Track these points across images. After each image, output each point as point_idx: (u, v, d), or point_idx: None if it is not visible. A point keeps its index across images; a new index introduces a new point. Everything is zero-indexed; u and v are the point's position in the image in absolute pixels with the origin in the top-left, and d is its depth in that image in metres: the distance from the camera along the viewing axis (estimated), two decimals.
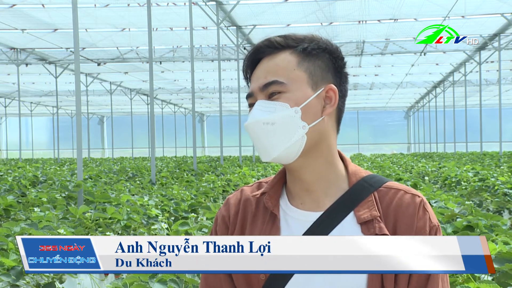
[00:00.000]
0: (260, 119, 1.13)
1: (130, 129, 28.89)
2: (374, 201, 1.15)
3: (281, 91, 1.15)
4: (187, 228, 3.55)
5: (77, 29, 6.54)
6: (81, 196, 5.90)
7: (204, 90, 28.77)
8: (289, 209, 1.19)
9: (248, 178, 8.83)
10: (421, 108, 35.07)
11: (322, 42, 1.20)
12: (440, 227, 1.16)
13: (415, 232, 1.12)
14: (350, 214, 1.14)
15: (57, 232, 3.36)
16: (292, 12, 14.49)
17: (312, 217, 1.15)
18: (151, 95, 9.39)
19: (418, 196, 1.16)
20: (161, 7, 13.77)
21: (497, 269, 2.40)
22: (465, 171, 9.43)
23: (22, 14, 14.18)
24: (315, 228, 1.14)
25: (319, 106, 1.16)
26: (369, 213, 1.13)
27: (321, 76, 1.17)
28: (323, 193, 1.18)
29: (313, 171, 1.18)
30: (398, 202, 1.15)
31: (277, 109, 1.14)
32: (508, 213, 6.04)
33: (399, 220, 1.13)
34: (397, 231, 1.13)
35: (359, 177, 1.19)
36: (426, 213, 1.14)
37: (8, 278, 2.75)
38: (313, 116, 1.15)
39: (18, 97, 18.98)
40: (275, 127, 1.13)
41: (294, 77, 1.16)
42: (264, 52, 1.19)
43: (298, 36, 1.21)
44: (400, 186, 1.18)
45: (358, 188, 1.17)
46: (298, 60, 1.17)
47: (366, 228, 1.12)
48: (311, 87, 1.16)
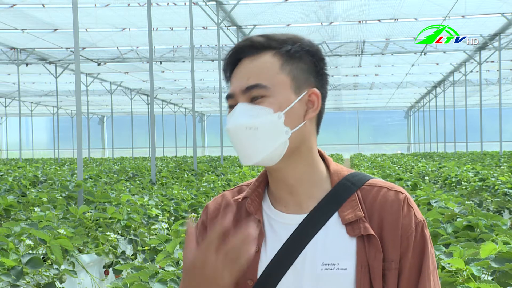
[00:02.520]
0: (242, 123, 1.11)
1: (130, 129, 28.89)
2: (357, 200, 1.14)
3: (264, 95, 1.12)
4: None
5: (77, 29, 6.54)
6: (81, 196, 5.90)
7: (204, 90, 28.78)
8: (272, 212, 1.18)
9: (248, 178, 8.83)
10: (421, 108, 35.06)
11: (305, 44, 1.17)
12: (425, 223, 1.16)
13: (401, 230, 1.11)
14: (335, 215, 1.13)
15: (57, 232, 3.36)
16: (292, 12, 14.49)
17: (297, 220, 1.14)
18: (151, 95, 9.39)
19: (401, 192, 1.15)
20: (161, 7, 13.78)
21: (497, 269, 2.40)
22: (465, 171, 9.42)
23: (22, 14, 14.18)
24: (300, 231, 1.13)
25: (301, 110, 1.15)
26: (354, 213, 1.12)
27: (304, 79, 1.16)
28: (306, 195, 1.16)
29: (294, 173, 1.16)
30: (382, 200, 1.14)
31: (260, 114, 1.11)
32: (508, 213, 6.04)
33: (384, 218, 1.12)
34: (383, 229, 1.12)
35: (341, 176, 1.18)
36: (410, 209, 1.13)
37: (8, 278, 2.75)
38: (296, 121, 1.14)
39: (18, 97, 18.99)
40: (258, 132, 1.11)
41: (277, 80, 1.14)
42: (245, 52, 1.16)
43: (280, 37, 1.18)
44: (383, 183, 1.17)
45: (340, 188, 1.16)
46: (281, 63, 1.15)
47: (351, 229, 1.11)
48: (294, 91, 1.14)
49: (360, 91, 30.78)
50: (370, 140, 41.10)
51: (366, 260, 1.09)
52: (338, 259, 1.09)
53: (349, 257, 1.10)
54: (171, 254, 2.75)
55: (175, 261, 2.72)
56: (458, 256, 2.44)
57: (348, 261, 1.09)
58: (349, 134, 39.99)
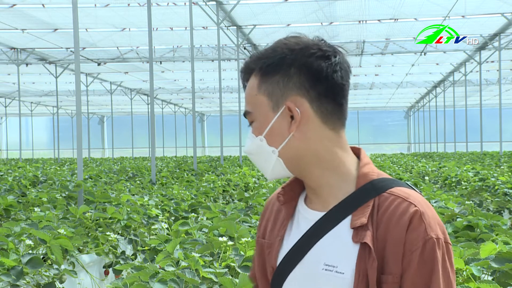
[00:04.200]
0: (245, 151, 1.21)
1: (130, 129, 28.88)
2: (371, 207, 1.10)
3: (252, 119, 1.17)
4: (187, 228, 3.55)
5: (77, 29, 6.54)
6: (81, 196, 5.90)
7: (204, 90, 28.78)
8: (302, 206, 1.21)
9: (248, 178, 8.83)
10: (421, 108, 35.06)
11: (284, 51, 1.13)
12: (440, 241, 1.07)
13: (405, 245, 1.05)
14: (348, 218, 1.12)
15: (57, 232, 3.36)
16: (292, 12, 14.49)
17: (317, 217, 1.16)
18: (151, 95, 9.39)
19: (414, 205, 1.07)
20: (161, 7, 13.77)
21: (497, 269, 2.40)
22: (465, 171, 9.42)
23: (22, 14, 14.18)
24: (315, 229, 1.15)
25: (285, 125, 1.13)
26: (361, 219, 1.09)
27: (281, 92, 1.12)
28: (330, 195, 1.16)
29: (311, 178, 1.17)
30: (393, 211, 1.08)
31: (250, 140, 1.18)
32: (508, 213, 6.04)
33: (389, 229, 1.07)
34: (387, 240, 1.07)
35: (367, 179, 1.14)
36: (421, 224, 1.06)
37: (8, 278, 2.75)
38: (279, 138, 1.14)
39: (18, 97, 18.98)
40: (254, 156, 1.19)
41: (256, 103, 1.15)
42: (244, 76, 1.20)
43: (261, 54, 1.16)
44: (402, 193, 1.10)
45: (361, 192, 1.13)
46: (258, 83, 1.15)
47: (356, 234, 1.09)
48: (272, 109, 1.13)
49: (360, 91, 30.77)
50: (370, 140, 41.10)
51: (366, 268, 1.07)
52: (338, 262, 1.09)
53: (349, 262, 1.08)
54: (171, 254, 2.75)
55: (175, 261, 2.72)
56: (458, 256, 2.44)
57: (347, 266, 1.08)
58: (349, 134, 38.79)
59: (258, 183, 8.49)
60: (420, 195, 1.13)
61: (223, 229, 3.21)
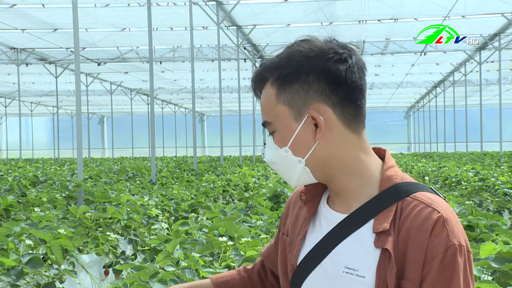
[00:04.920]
0: (267, 160, 1.19)
1: (130, 129, 28.89)
2: (393, 211, 1.09)
3: (273, 130, 1.16)
4: (187, 228, 3.55)
5: (77, 29, 6.54)
6: (81, 196, 5.90)
7: (204, 90, 28.77)
8: (325, 206, 1.21)
9: (248, 178, 8.82)
10: (421, 108, 35.06)
11: (300, 58, 1.11)
12: (462, 248, 1.04)
13: (427, 250, 1.03)
14: (370, 222, 1.10)
15: (57, 232, 3.36)
16: (292, 12, 14.49)
17: (339, 219, 1.15)
18: (151, 95, 9.39)
19: (438, 211, 1.05)
20: (161, 7, 13.77)
21: (497, 269, 2.40)
22: (465, 171, 9.42)
23: (22, 14, 14.18)
24: (337, 231, 1.14)
25: (310, 133, 1.12)
26: (383, 224, 1.08)
27: (302, 101, 1.11)
28: (353, 198, 1.15)
29: (335, 183, 1.17)
30: (415, 216, 1.06)
31: (273, 149, 1.16)
32: (508, 213, 6.03)
33: (411, 236, 1.05)
34: (408, 246, 1.05)
35: (391, 183, 1.12)
36: (444, 230, 1.04)
37: (8, 278, 2.75)
38: (305, 147, 1.12)
39: (18, 97, 18.98)
40: (277, 165, 1.18)
41: (276, 113, 1.14)
42: (256, 86, 1.18)
43: (275, 63, 1.13)
44: (425, 199, 1.08)
45: (384, 196, 1.11)
46: (276, 93, 1.13)
47: (378, 238, 1.08)
48: (294, 119, 1.12)
49: None
50: (370, 140, 40.05)
51: (386, 274, 1.05)
52: (359, 266, 1.08)
53: (370, 266, 1.07)
54: (171, 254, 2.75)
55: (175, 261, 2.72)
56: None
57: (368, 270, 1.07)
58: None
59: (258, 183, 8.49)
60: (443, 201, 1.11)
61: (223, 229, 3.21)
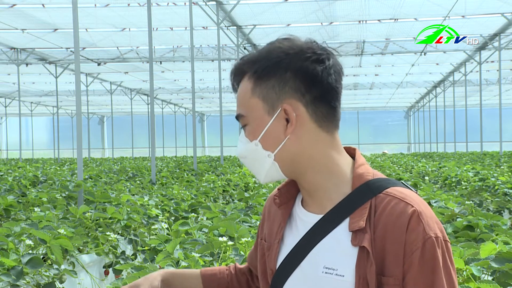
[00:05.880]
0: (237, 153, 1.20)
1: (130, 129, 28.88)
2: (368, 209, 1.09)
3: (245, 123, 1.16)
4: (187, 228, 3.55)
5: (77, 29, 6.54)
6: (81, 196, 5.90)
7: (204, 90, 28.78)
8: (299, 208, 1.21)
9: (248, 178, 8.82)
10: (421, 108, 35.05)
11: (279, 54, 1.12)
12: (439, 239, 1.05)
13: (405, 245, 1.04)
14: (346, 221, 1.11)
15: (57, 232, 3.36)
16: (292, 12, 14.49)
17: (314, 219, 1.15)
18: (151, 95, 9.39)
19: (411, 205, 1.06)
20: (161, 7, 13.77)
21: (497, 269, 2.40)
22: (465, 171, 9.42)
23: (22, 14, 14.17)
24: (313, 232, 1.14)
25: (281, 128, 1.12)
26: (359, 222, 1.08)
27: (276, 95, 1.12)
28: (325, 198, 1.15)
29: (305, 180, 1.16)
30: (390, 212, 1.07)
31: (243, 143, 1.17)
32: (508, 213, 6.03)
33: (388, 231, 1.06)
34: (386, 242, 1.06)
35: (363, 180, 1.13)
36: (420, 224, 1.04)
37: (8, 278, 2.75)
38: (275, 142, 1.13)
39: (18, 97, 18.97)
40: (247, 160, 1.18)
41: (250, 106, 1.14)
42: (235, 79, 1.19)
43: (254, 57, 1.15)
44: (398, 194, 1.09)
45: (357, 194, 1.12)
46: (252, 86, 1.14)
47: (354, 237, 1.08)
48: (267, 113, 1.13)
49: (360, 91, 30.76)
50: (370, 140, 41.08)
51: (365, 271, 1.06)
52: (338, 265, 1.09)
53: (348, 265, 1.08)
54: (171, 254, 2.75)
55: (175, 261, 2.72)
56: (458, 256, 2.44)
57: (347, 269, 1.08)
58: (349, 134, 39.96)
59: (258, 183, 8.49)
60: (416, 194, 1.12)
61: (223, 229, 3.21)
